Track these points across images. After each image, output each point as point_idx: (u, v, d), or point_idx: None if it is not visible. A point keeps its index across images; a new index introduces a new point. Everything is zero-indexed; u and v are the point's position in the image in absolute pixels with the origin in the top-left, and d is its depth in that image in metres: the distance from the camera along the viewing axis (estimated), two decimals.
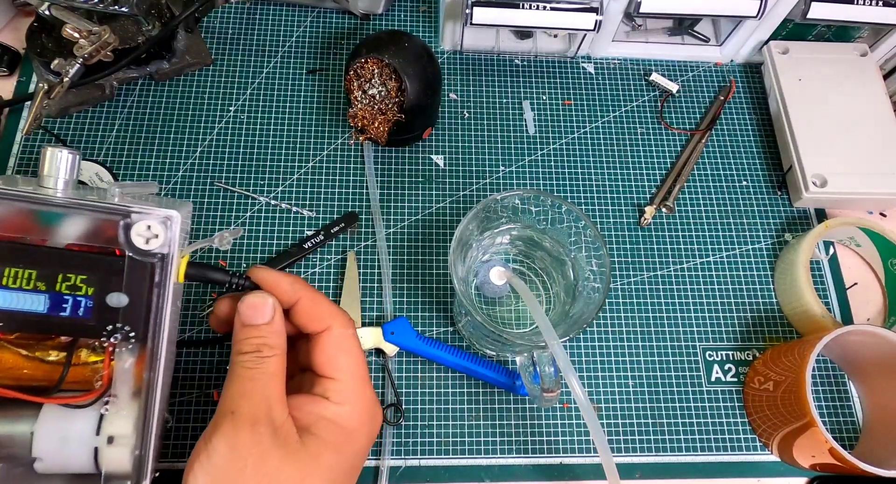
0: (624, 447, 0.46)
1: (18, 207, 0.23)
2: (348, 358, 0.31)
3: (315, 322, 0.31)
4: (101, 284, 0.25)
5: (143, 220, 0.25)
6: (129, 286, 0.25)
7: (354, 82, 0.49)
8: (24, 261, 0.24)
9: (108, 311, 0.25)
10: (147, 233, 0.25)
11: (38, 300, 0.24)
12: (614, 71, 0.60)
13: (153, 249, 0.25)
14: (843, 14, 0.53)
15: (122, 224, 0.25)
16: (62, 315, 0.24)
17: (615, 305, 0.51)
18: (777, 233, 0.54)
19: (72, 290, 0.24)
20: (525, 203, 0.44)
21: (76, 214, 0.24)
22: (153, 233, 0.25)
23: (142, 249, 0.25)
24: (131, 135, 0.53)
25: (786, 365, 0.44)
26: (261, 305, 0.30)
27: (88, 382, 0.26)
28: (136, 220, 0.25)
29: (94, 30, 0.46)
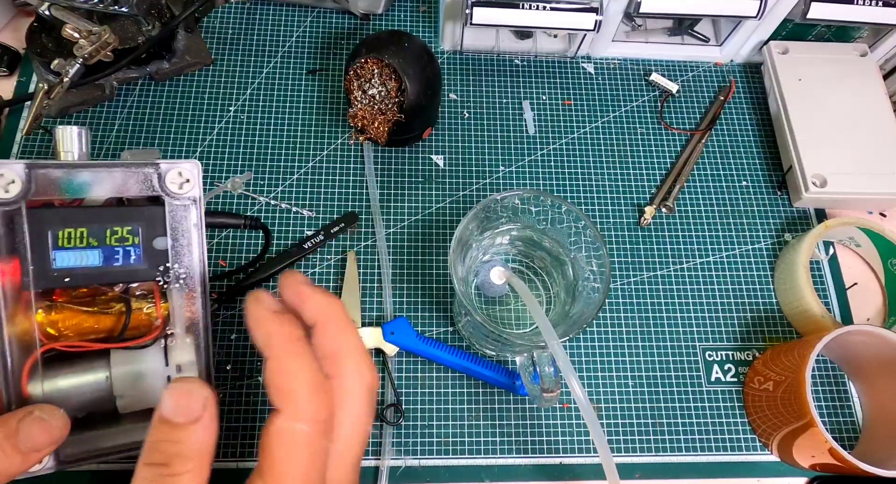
0: (624, 447, 0.46)
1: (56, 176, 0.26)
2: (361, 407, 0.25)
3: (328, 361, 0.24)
4: (146, 232, 0.28)
5: (173, 169, 0.28)
6: (172, 229, 0.28)
7: (354, 82, 0.49)
8: (74, 222, 0.26)
9: (156, 254, 0.28)
10: (179, 179, 0.28)
11: (93, 255, 0.27)
12: (614, 71, 0.60)
13: (187, 192, 0.28)
14: (843, 14, 0.53)
15: (157, 174, 0.28)
16: (116, 265, 0.27)
17: (615, 305, 0.51)
18: (777, 233, 0.54)
19: (121, 241, 0.27)
20: (525, 203, 0.44)
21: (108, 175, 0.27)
22: (185, 178, 0.28)
23: (178, 194, 0.28)
24: (131, 135, 0.53)
25: (786, 365, 0.44)
26: (190, 397, 0.23)
27: (147, 326, 0.29)
28: (167, 169, 0.28)
29: (94, 30, 0.46)
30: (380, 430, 0.45)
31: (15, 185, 0.25)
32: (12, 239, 0.25)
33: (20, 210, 0.25)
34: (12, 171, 0.25)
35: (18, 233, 0.25)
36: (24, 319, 0.26)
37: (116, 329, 0.28)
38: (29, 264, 0.25)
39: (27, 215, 0.25)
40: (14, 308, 0.25)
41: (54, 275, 0.26)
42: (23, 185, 0.25)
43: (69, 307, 0.27)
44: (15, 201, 0.25)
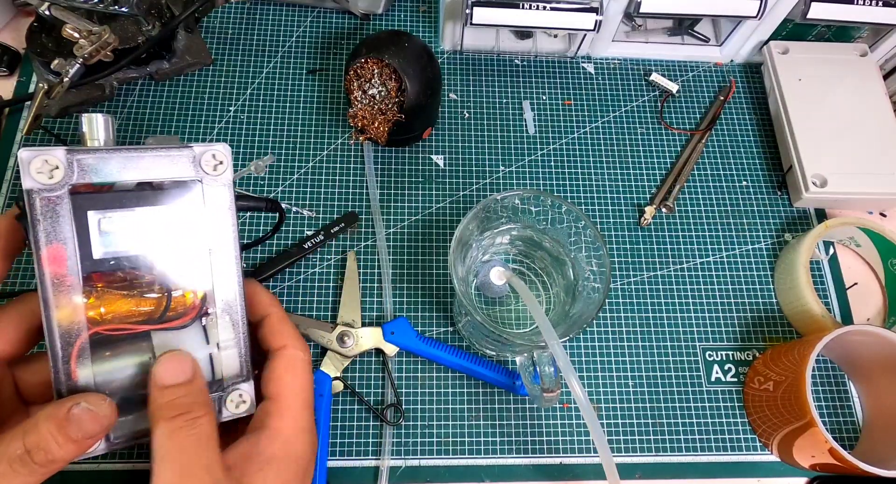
0: (624, 447, 0.46)
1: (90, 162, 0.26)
2: (294, 378, 0.31)
3: (277, 337, 0.31)
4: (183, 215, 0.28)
5: (207, 151, 0.28)
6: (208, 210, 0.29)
7: (354, 82, 0.49)
8: (115, 206, 0.27)
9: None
10: (213, 161, 0.29)
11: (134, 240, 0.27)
12: (614, 71, 0.60)
13: (221, 174, 0.29)
14: (843, 14, 0.53)
15: (193, 156, 0.28)
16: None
17: (615, 305, 0.51)
18: (777, 233, 0.54)
19: None
20: (525, 203, 0.44)
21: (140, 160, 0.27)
22: (218, 160, 0.29)
23: (213, 175, 0.29)
24: (131, 135, 0.53)
25: (786, 365, 0.44)
26: (180, 361, 0.27)
27: (186, 306, 0.29)
28: (200, 152, 0.28)
29: (94, 30, 0.46)
30: (380, 430, 0.45)
31: (59, 171, 0.25)
32: (56, 225, 0.25)
33: (63, 195, 0.25)
34: (55, 157, 0.25)
35: (62, 218, 0.26)
36: (69, 304, 0.26)
37: (157, 311, 0.29)
38: (75, 249, 0.26)
39: (70, 201, 0.26)
40: (59, 294, 0.26)
41: (97, 259, 0.27)
42: (65, 171, 0.25)
43: (110, 292, 0.28)
44: (59, 187, 0.25)
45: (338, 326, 0.47)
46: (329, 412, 0.45)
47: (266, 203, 0.36)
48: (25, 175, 0.25)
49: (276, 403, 0.30)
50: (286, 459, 0.29)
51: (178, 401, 0.27)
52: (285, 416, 0.30)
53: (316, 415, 0.44)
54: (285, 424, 0.30)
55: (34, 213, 0.25)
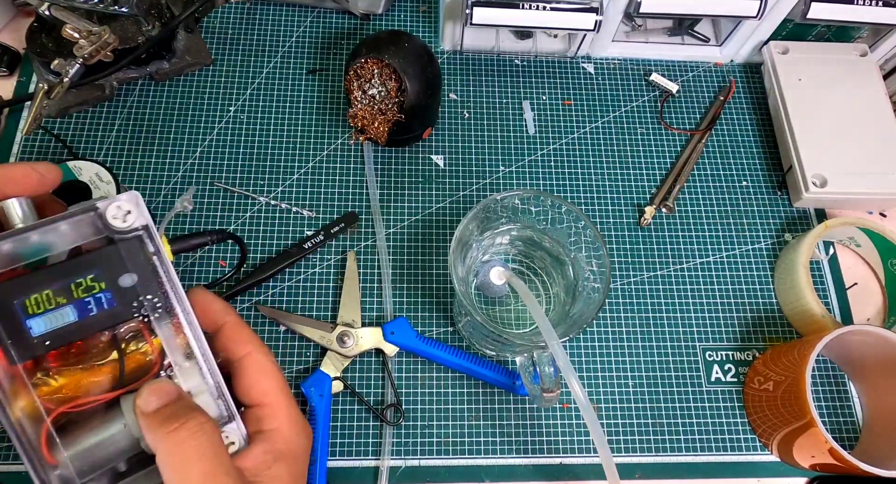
0: (624, 447, 0.46)
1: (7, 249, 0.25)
2: (271, 380, 0.31)
3: (238, 345, 0.31)
4: (109, 274, 0.27)
5: (111, 205, 0.27)
6: (133, 264, 0.28)
7: (354, 82, 0.49)
8: (36, 286, 0.26)
9: (126, 292, 0.28)
10: (120, 213, 0.27)
11: (66, 313, 0.26)
12: (614, 71, 0.60)
13: (133, 224, 0.27)
14: (843, 14, 0.53)
15: (96, 215, 0.27)
16: (92, 315, 0.27)
17: (615, 305, 0.51)
18: (777, 233, 0.54)
19: (88, 291, 0.27)
20: (525, 203, 0.44)
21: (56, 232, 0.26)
22: (125, 210, 0.27)
23: (124, 228, 0.27)
24: (131, 135, 0.53)
25: (786, 365, 0.44)
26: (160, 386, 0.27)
27: (147, 364, 0.29)
28: (105, 207, 0.27)
29: (94, 30, 0.46)
30: (380, 430, 0.45)
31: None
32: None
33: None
34: None
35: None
36: (23, 395, 0.25)
37: (117, 376, 0.28)
38: (6, 340, 0.25)
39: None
40: (10, 387, 0.25)
41: (34, 342, 0.26)
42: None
43: (67, 370, 0.27)
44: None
45: (338, 326, 0.47)
46: (329, 412, 0.45)
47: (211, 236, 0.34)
48: None
49: (264, 409, 0.30)
50: (291, 455, 0.30)
51: (175, 413, 0.26)
52: (278, 416, 0.30)
53: (316, 415, 0.44)
54: (280, 424, 0.30)
55: None
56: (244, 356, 0.30)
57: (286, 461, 0.29)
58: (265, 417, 0.30)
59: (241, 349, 0.31)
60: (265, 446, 0.29)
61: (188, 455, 0.25)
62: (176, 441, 0.25)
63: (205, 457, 0.25)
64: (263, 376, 0.30)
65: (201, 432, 0.26)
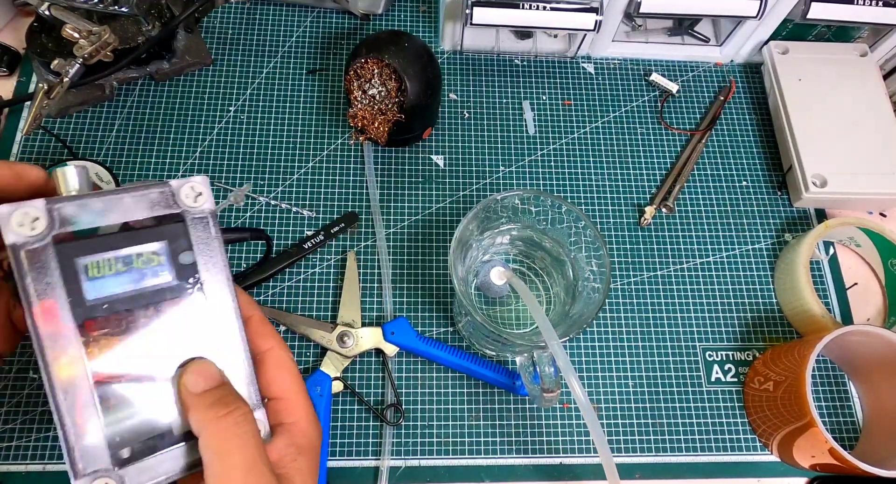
0: (624, 447, 0.46)
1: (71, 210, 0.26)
2: (292, 376, 0.31)
3: (263, 339, 0.31)
4: (170, 249, 0.28)
5: (185, 184, 0.28)
6: (195, 243, 0.29)
7: (354, 82, 0.49)
8: (100, 250, 0.27)
9: (184, 269, 0.28)
10: (192, 193, 0.28)
11: (124, 280, 0.27)
12: (614, 71, 0.60)
13: (202, 205, 0.29)
14: (843, 14, 0.53)
15: (170, 191, 0.28)
16: (149, 286, 0.28)
17: (615, 305, 0.51)
18: (777, 233, 0.54)
19: (147, 262, 0.28)
20: (525, 203, 0.44)
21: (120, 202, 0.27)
22: (197, 192, 0.28)
23: (194, 207, 0.28)
24: (131, 135, 0.53)
25: (786, 365, 0.44)
26: (207, 367, 0.28)
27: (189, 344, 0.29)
28: (178, 186, 0.28)
29: (94, 30, 0.46)
30: (380, 430, 0.45)
31: (40, 221, 0.25)
32: (44, 277, 0.25)
33: (48, 246, 0.25)
34: (35, 209, 0.25)
35: (50, 270, 0.25)
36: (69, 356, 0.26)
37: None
38: (64, 300, 0.26)
39: (55, 251, 0.25)
40: (57, 347, 0.26)
41: (90, 305, 0.26)
42: (47, 221, 0.25)
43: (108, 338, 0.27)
44: (42, 237, 0.25)
45: (338, 326, 0.47)
46: (329, 412, 0.45)
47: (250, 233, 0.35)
48: (7, 230, 0.24)
49: (283, 403, 0.31)
50: (309, 448, 0.31)
51: (223, 400, 0.27)
52: (296, 411, 0.31)
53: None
54: (300, 418, 0.31)
55: (21, 268, 0.25)
56: (267, 350, 0.31)
57: (307, 455, 0.30)
58: (284, 410, 0.31)
59: (265, 343, 0.31)
60: (287, 439, 0.30)
61: (233, 443, 0.26)
62: (223, 427, 0.26)
63: (248, 447, 0.26)
64: (284, 371, 0.31)
65: (246, 422, 0.27)
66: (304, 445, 0.30)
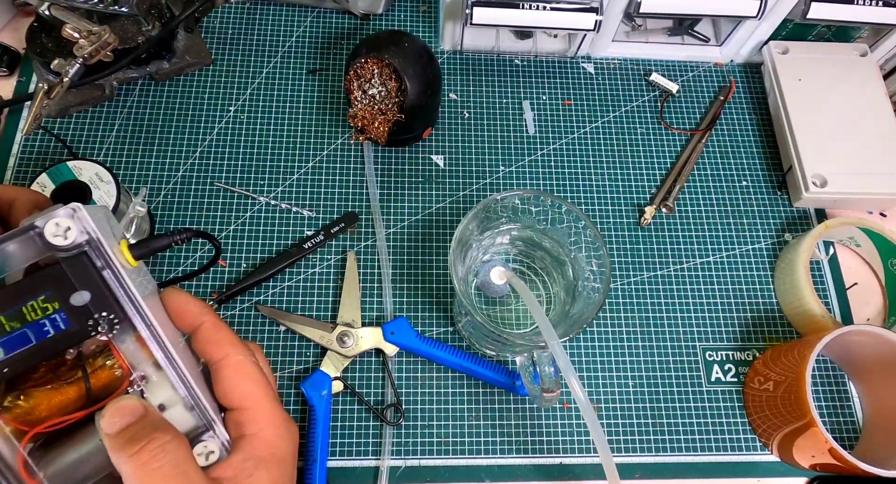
0: (624, 447, 0.46)
1: None
2: (251, 383, 0.29)
3: (214, 347, 0.29)
4: (59, 294, 0.26)
5: (48, 222, 0.25)
6: (82, 281, 0.26)
7: (354, 82, 0.49)
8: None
9: (80, 311, 0.26)
10: (60, 230, 0.26)
11: (21, 337, 0.25)
12: (614, 71, 0.60)
13: (75, 240, 0.26)
14: (843, 14, 0.53)
15: (34, 235, 0.25)
16: (49, 336, 0.26)
17: (615, 305, 0.51)
18: (777, 233, 0.54)
19: (41, 312, 0.26)
20: (525, 203, 0.44)
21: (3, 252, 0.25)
22: (64, 227, 0.25)
23: (66, 246, 0.26)
24: (131, 135, 0.53)
25: (786, 365, 0.44)
26: (124, 404, 0.26)
27: (118, 379, 0.28)
28: (42, 225, 0.25)
29: (94, 30, 0.46)
30: (380, 430, 0.45)
31: None
32: None
33: None
34: None
35: None
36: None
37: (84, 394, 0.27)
38: None
39: None
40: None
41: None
42: None
43: (36, 390, 0.26)
44: None
45: (338, 326, 0.47)
46: (329, 412, 0.45)
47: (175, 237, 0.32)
48: None
49: (244, 412, 0.29)
50: (272, 460, 0.29)
51: (136, 434, 0.25)
52: (259, 420, 0.29)
53: (316, 415, 0.44)
54: (262, 428, 0.29)
55: None
56: (222, 359, 0.29)
57: (267, 467, 0.28)
58: (246, 421, 0.29)
59: (218, 351, 0.29)
60: (245, 453, 0.28)
61: (153, 477, 0.24)
62: (139, 464, 0.24)
63: (169, 478, 0.24)
64: (242, 378, 0.29)
65: (163, 453, 0.25)
66: (264, 457, 0.28)
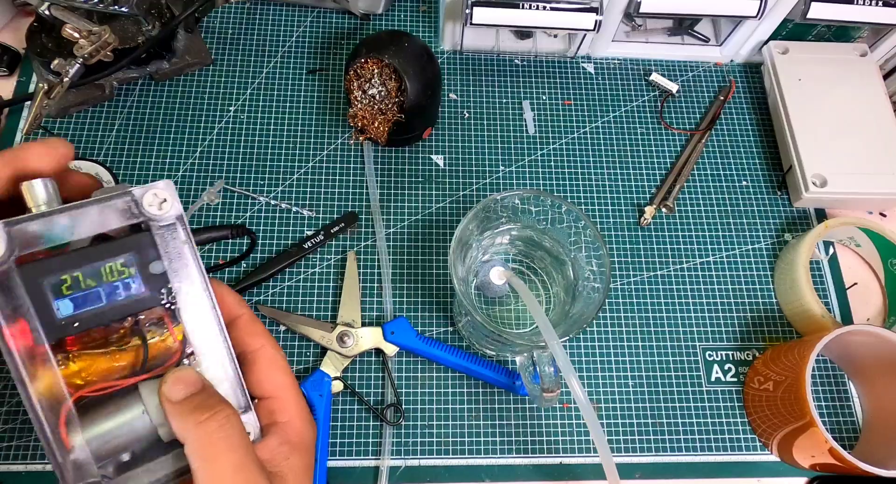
0: (624, 447, 0.46)
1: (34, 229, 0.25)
2: (283, 375, 0.31)
3: (251, 338, 0.31)
4: (140, 260, 0.28)
5: (147, 192, 0.28)
6: (163, 251, 0.28)
7: (354, 82, 0.49)
8: (67, 268, 0.26)
9: (156, 279, 0.28)
10: (156, 200, 0.28)
11: (94, 296, 0.27)
12: (614, 71, 0.60)
13: (167, 212, 0.28)
14: (843, 14, 0.53)
15: (132, 201, 0.27)
16: (119, 299, 0.27)
17: (615, 305, 0.51)
18: (777, 233, 0.54)
19: (117, 275, 0.27)
20: (525, 203, 0.44)
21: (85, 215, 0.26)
22: (161, 198, 0.28)
23: (158, 215, 0.28)
24: (131, 135, 0.53)
25: (786, 365, 0.44)
26: (186, 375, 0.27)
27: (167, 352, 0.29)
28: (140, 194, 0.28)
29: (94, 30, 0.46)
30: (380, 430, 0.45)
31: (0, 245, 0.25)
32: (11, 300, 0.25)
33: (10, 270, 0.25)
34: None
35: (15, 292, 0.25)
36: (46, 375, 0.26)
37: (138, 362, 0.28)
38: (35, 320, 0.25)
39: (19, 273, 0.25)
40: (34, 367, 0.25)
41: (62, 324, 0.26)
42: (6, 245, 0.25)
43: (86, 354, 0.27)
44: (3, 262, 0.25)
45: (338, 326, 0.47)
46: (329, 412, 0.45)
47: (231, 230, 0.34)
48: None
49: (276, 402, 0.31)
50: (302, 446, 0.31)
51: (203, 403, 0.27)
52: (289, 410, 0.31)
53: (316, 415, 0.44)
54: (292, 417, 0.31)
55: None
56: (258, 349, 0.31)
57: (300, 453, 0.30)
58: (277, 410, 0.31)
59: (254, 342, 0.31)
60: (280, 438, 0.30)
61: (219, 446, 0.26)
62: (206, 432, 0.26)
63: (235, 448, 0.26)
64: (276, 370, 0.31)
65: (230, 424, 0.26)
66: (297, 444, 0.30)
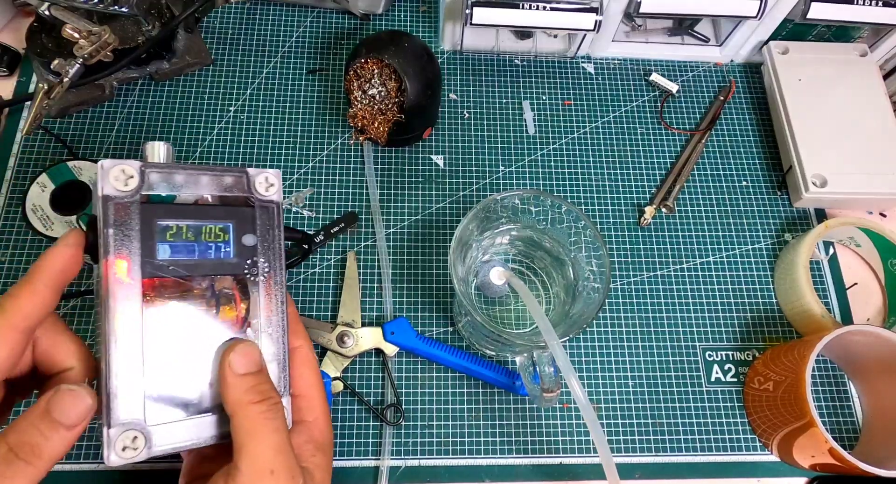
0: (624, 447, 0.46)
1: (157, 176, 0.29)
2: (314, 375, 0.33)
3: (295, 336, 0.33)
4: (238, 230, 0.31)
5: (260, 174, 0.31)
6: (259, 228, 0.31)
7: (354, 82, 0.49)
8: (177, 217, 0.29)
9: (245, 250, 0.31)
10: (266, 183, 0.31)
11: (189, 248, 0.30)
12: (614, 71, 0.60)
13: (271, 195, 0.32)
14: (843, 14, 0.53)
15: (246, 178, 0.31)
16: (210, 258, 0.30)
17: (615, 305, 0.51)
18: (777, 233, 0.54)
19: (214, 237, 0.30)
20: (525, 203, 0.44)
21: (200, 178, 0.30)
22: (270, 182, 0.32)
23: (264, 196, 0.31)
24: (131, 135, 0.53)
25: (786, 365, 0.44)
26: (252, 350, 0.29)
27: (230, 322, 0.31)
28: (255, 174, 0.31)
29: (94, 30, 0.46)
30: (380, 430, 0.45)
31: (133, 179, 0.28)
32: (125, 231, 0.28)
33: (135, 203, 0.28)
34: (132, 168, 0.28)
35: (132, 225, 0.28)
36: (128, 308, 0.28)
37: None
38: (137, 255, 0.28)
39: (140, 209, 0.28)
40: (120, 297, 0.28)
41: (158, 264, 0.29)
42: (139, 181, 0.28)
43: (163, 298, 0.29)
44: (132, 194, 0.28)
45: (338, 326, 0.47)
46: (329, 412, 0.45)
47: (301, 235, 0.40)
48: (104, 182, 0.27)
49: (304, 400, 0.33)
50: (325, 444, 0.32)
51: (258, 387, 0.29)
52: (316, 409, 0.33)
53: None
54: (318, 416, 0.32)
55: (107, 219, 0.27)
56: (297, 348, 0.33)
57: (324, 452, 0.32)
58: (305, 408, 0.32)
59: (296, 340, 0.33)
60: (306, 436, 0.31)
61: (266, 427, 0.28)
62: (256, 412, 0.28)
63: (278, 432, 0.28)
64: (309, 370, 0.33)
65: (276, 412, 0.28)
66: (321, 443, 0.32)
